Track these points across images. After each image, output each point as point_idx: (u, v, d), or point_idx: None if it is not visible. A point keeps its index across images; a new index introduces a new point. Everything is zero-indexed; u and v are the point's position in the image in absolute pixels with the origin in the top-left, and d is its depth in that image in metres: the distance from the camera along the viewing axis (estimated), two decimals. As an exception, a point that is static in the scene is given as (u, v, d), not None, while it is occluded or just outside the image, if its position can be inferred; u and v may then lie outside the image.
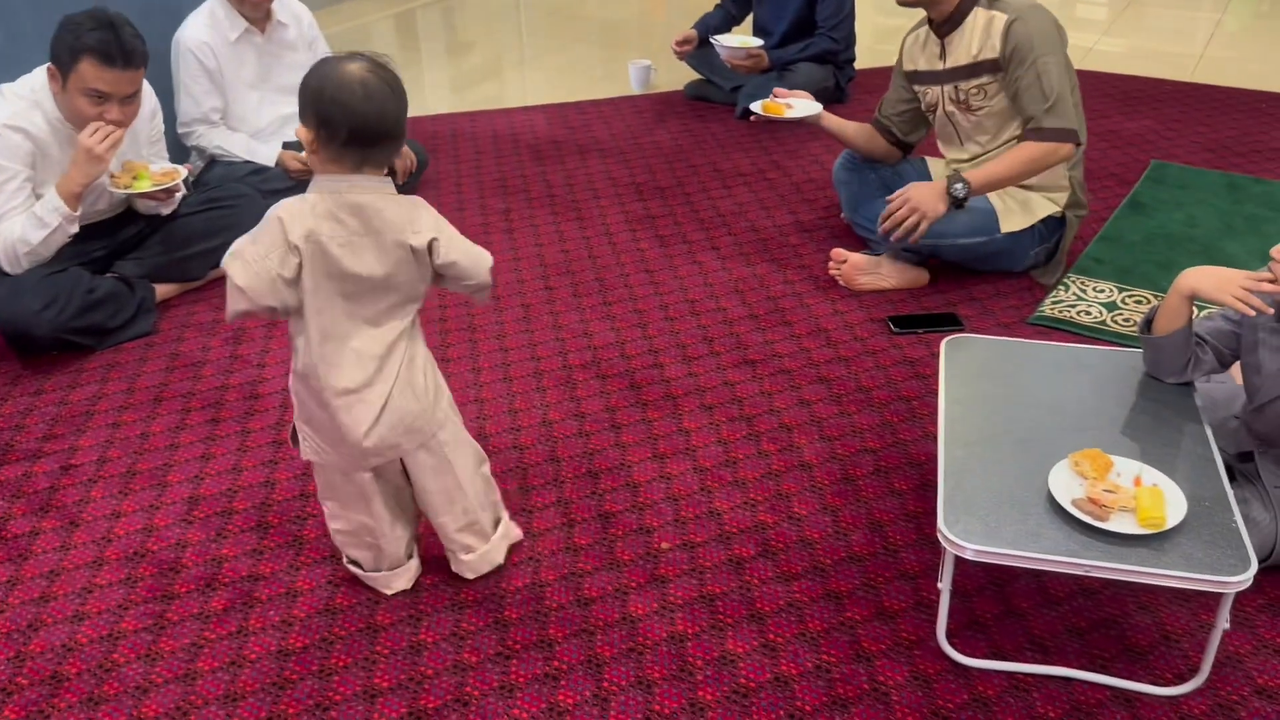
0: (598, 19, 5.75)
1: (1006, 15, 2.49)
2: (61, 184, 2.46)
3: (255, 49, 3.15)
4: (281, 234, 1.49)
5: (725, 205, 3.32)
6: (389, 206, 1.53)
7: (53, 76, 2.43)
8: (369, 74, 1.48)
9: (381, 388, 1.59)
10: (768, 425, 2.25)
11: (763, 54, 3.88)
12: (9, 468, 2.17)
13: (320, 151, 1.50)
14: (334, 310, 1.55)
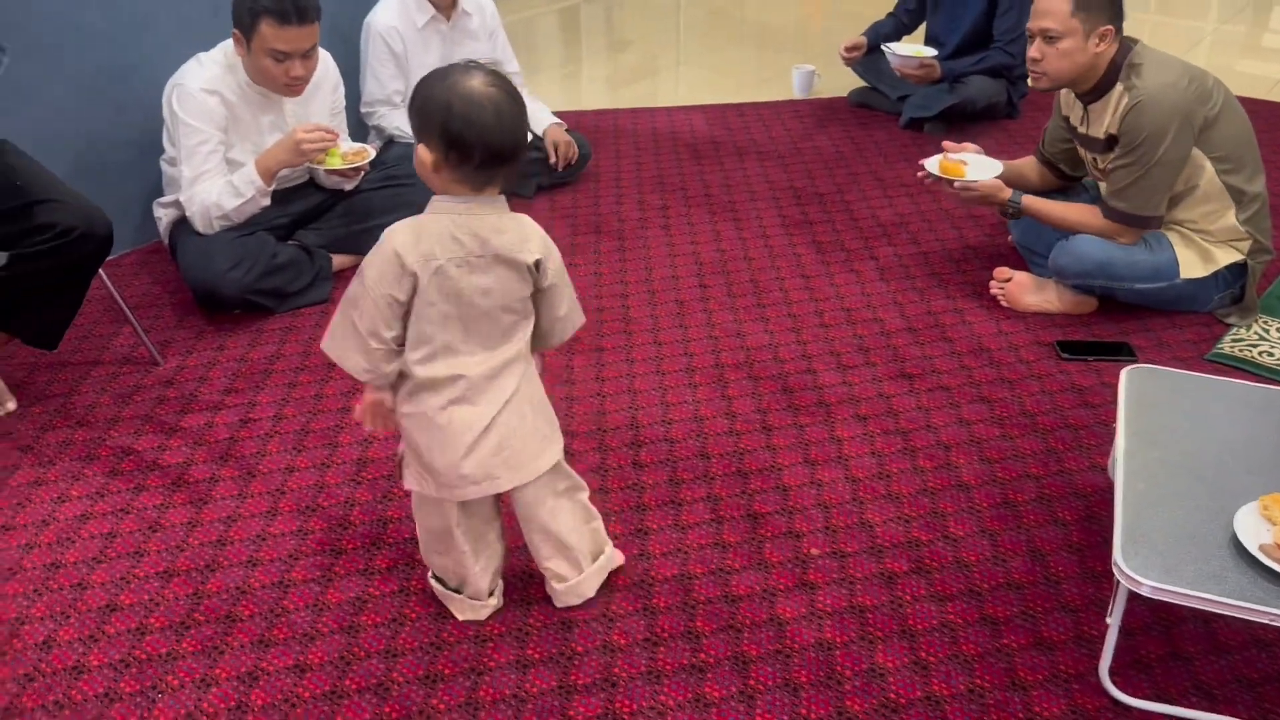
0: (757, 22, 5.74)
1: (1130, 98, 2.42)
2: (261, 160, 2.60)
3: (440, 36, 3.26)
4: (396, 259, 1.46)
5: (886, 215, 3.28)
6: (505, 226, 1.50)
7: (238, 41, 2.56)
8: (495, 90, 1.43)
9: (487, 411, 1.55)
10: (924, 441, 2.21)
11: (935, 64, 3.81)
12: (192, 416, 2.31)
13: (445, 173, 1.46)
14: (447, 332, 1.51)
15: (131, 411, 2.32)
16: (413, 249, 1.46)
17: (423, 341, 1.51)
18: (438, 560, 1.73)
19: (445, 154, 1.43)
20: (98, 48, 2.81)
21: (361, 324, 1.49)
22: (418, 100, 1.45)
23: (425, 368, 1.52)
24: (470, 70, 1.44)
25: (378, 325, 1.49)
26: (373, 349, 1.50)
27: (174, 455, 2.18)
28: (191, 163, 2.62)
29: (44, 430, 2.26)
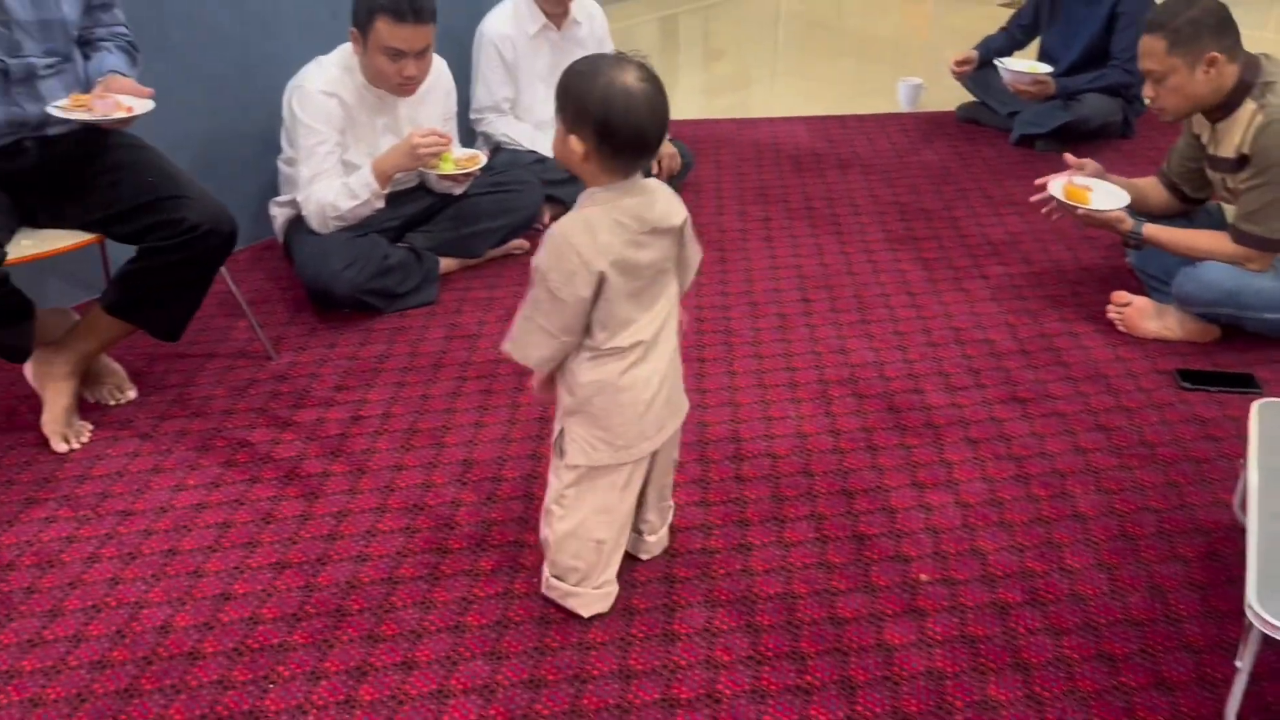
0: (857, 33, 5.68)
1: (1263, 117, 2.33)
2: (377, 163, 2.66)
3: (550, 44, 3.29)
4: (580, 261, 1.51)
5: (996, 233, 3.20)
6: (654, 199, 1.58)
7: (355, 40, 2.61)
8: (645, 83, 1.49)
9: (657, 365, 1.65)
10: (1038, 468, 2.15)
11: (1049, 81, 3.71)
12: (305, 411, 2.36)
13: (595, 163, 1.52)
14: (625, 308, 1.59)
15: (246, 404, 2.38)
16: (591, 246, 1.51)
17: (607, 322, 1.58)
18: (572, 545, 1.72)
19: (598, 145, 1.49)
20: (225, 48, 2.90)
21: (548, 324, 1.56)
22: (571, 94, 1.50)
23: (609, 342, 1.60)
24: (621, 63, 1.49)
25: (569, 323, 1.56)
26: (562, 343, 1.59)
27: (287, 449, 2.23)
28: (309, 163, 2.68)
29: (162, 419, 2.33)
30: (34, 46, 2.07)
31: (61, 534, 1.98)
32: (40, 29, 2.07)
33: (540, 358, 1.61)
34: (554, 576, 1.78)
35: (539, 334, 1.58)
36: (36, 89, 2.09)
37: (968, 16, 5.90)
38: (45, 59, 2.09)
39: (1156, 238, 2.56)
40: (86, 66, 2.20)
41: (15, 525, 2.00)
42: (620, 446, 1.66)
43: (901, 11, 6.22)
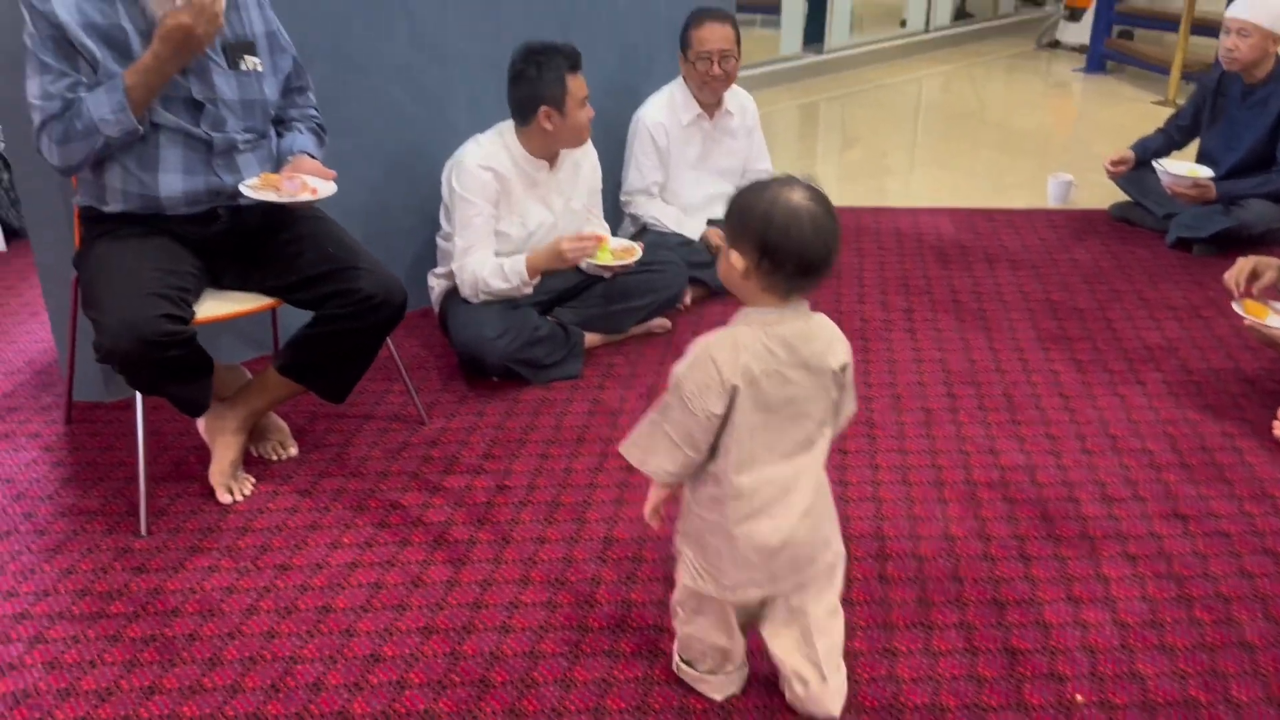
0: (1000, 126, 5.64)
1: None
2: (531, 259, 2.80)
3: (702, 133, 3.39)
4: (717, 375, 1.47)
5: (1152, 338, 3.10)
6: (813, 332, 1.52)
7: (547, 116, 2.74)
8: (813, 204, 1.45)
9: (783, 521, 1.55)
10: (1201, 591, 2.05)
11: (1210, 185, 3.61)
12: (454, 478, 2.43)
13: (755, 280, 1.48)
14: (754, 442, 1.52)
15: (400, 467, 2.46)
16: (732, 363, 1.47)
17: (730, 450, 1.52)
18: (696, 646, 1.72)
19: (758, 262, 1.46)
20: (400, 126, 3.06)
21: (675, 433, 1.52)
22: (736, 209, 1.49)
23: (730, 476, 1.53)
24: (790, 183, 1.47)
25: (695, 437, 1.51)
26: (686, 457, 1.53)
27: (436, 514, 2.29)
28: (464, 234, 2.80)
29: (321, 476, 2.43)
30: (236, 123, 2.23)
31: (223, 584, 2.07)
32: (244, 108, 2.24)
33: (659, 466, 1.55)
34: (683, 661, 1.78)
35: (663, 440, 1.54)
36: (234, 161, 2.25)
37: (1116, 112, 5.81)
38: (245, 135, 2.25)
39: None
40: (279, 143, 2.36)
41: (181, 572, 2.10)
42: (725, 586, 1.60)
43: (1046, 105, 6.16)
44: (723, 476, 1.53)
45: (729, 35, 3.23)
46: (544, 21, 3.29)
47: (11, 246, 3.78)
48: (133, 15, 2.10)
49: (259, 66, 2.26)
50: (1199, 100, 3.89)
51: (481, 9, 3.13)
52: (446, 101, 3.15)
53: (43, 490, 2.36)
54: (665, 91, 3.36)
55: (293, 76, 2.38)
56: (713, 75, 3.24)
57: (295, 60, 2.38)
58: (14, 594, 2.03)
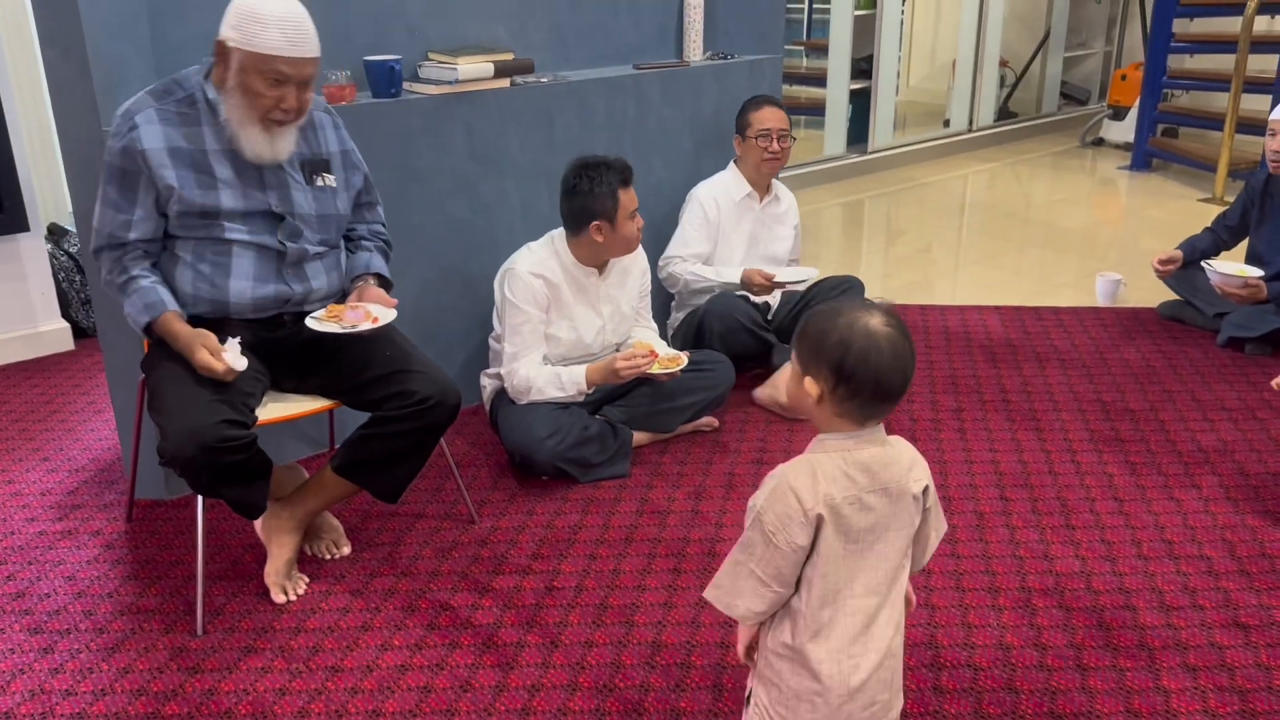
0: (1047, 224, 5.65)
1: None
2: (589, 371, 2.87)
3: (751, 213, 3.55)
4: (798, 504, 1.42)
5: (1207, 440, 3.06)
6: (892, 456, 1.47)
7: (598, 229, 2.82)
8: (891, 329, 1.42)
9: (865, 663, 1.47)
10: (1266, 705, 1.98)
11: (1261, 285, 3.60)
12: (503, 578, 2.44)
13: (830, 406, 1.44)
14: (838, 575, 1.45)
15: (450, 567, 2.48)
16: (812, 492, 1.42)
17: (814, 584, 1.46)
18: None
19: (834, 388, 1.42)
20: (456, 232, 3.17)
21: (761, 570, 1.45)
22: (811, 334, 1.45)
23: (811, 611, 1.46)
24: (867, 307, 1.44)
25: (783, 572, 1.45)
26: (775, 594, 1.46)
27: (485, 615, 2.30)
28: (514, 340, 2.87)
29: (372, 576, 2.45)
30: (311, 235, 2.34)
31: (275, 685, 2.08)
32: (319, 221, 2.35)
33: (748, 609, 1.47)
34: None
35: (749, 580, 1.46)
36: (304, 271, 2.35)
37: (1163, 209, 5.82)
38: (318, 246, 2.36)
39: None
40: (350, 259, 2.49)
41: (235, 673, 2.12)
42: None
43: (1092, 203, 6.18)
44: (802, 612, 1.46)
45: (784, 117, 3.44)
46: (596, 133, 3.41)
47: (79, 345, 3.92)
48: (217, 136, 2.23)
49: (333, 183, 2.38)
50: (1247, 200, 3.89)
51: (536, 123, 3.26)
52: (501, 209, 3.25)
53: (103, 588, 2.41)
54: (720, 174, 3.55)
55: (363, 192, 2.51)
56: (771, 152, 3.41)
57: (366, 177, 2.50)
58: (72, 693, 2.06)
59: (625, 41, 3.67)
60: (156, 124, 2.19)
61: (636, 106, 3.52)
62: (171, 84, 2.24)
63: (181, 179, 2.20)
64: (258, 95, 2.16)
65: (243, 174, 2.25)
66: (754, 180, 3.50)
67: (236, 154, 2.23)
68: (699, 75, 3.68)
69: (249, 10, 2.11)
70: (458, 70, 3.02)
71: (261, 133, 2.21)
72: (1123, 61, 8.37)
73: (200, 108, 2.23)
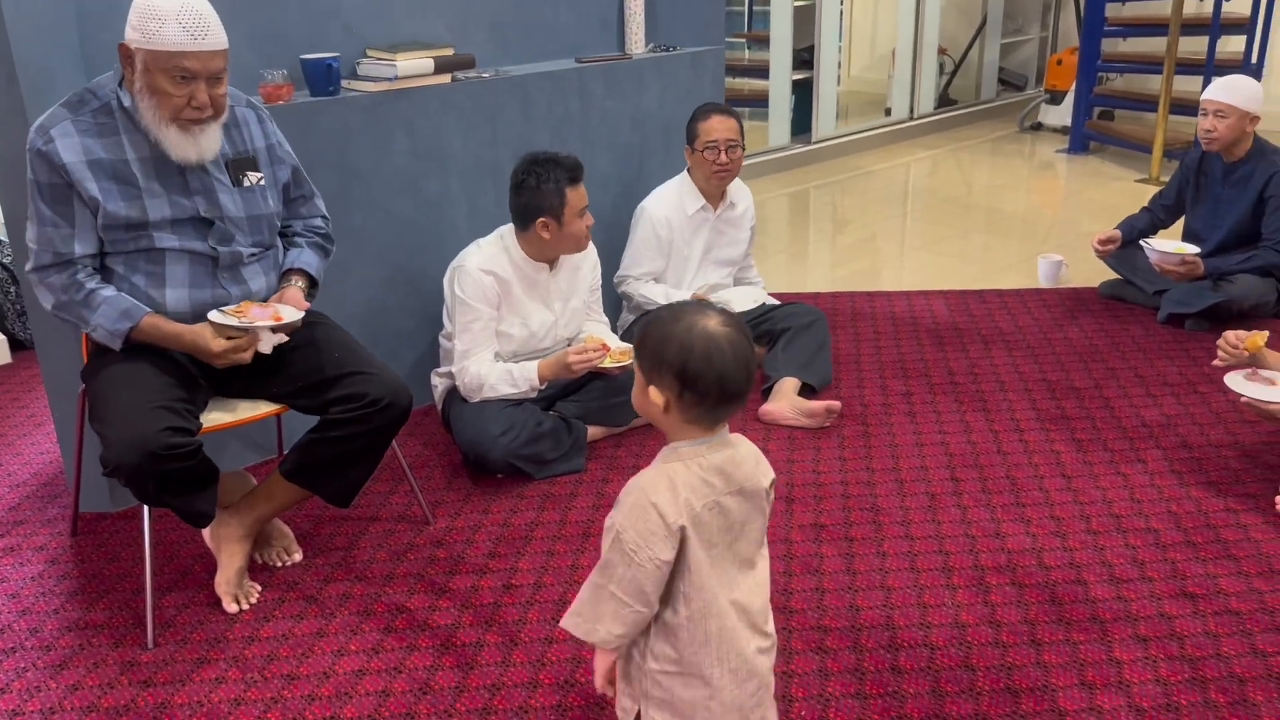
0: (988, 209, 5.73)
1: None
2: (542, 366, 2.86)
3: (707, 225, 3.47)
4: (659, 519, 1.38)
5: (1151, 415, 3.13)
6: (742, 455, 1.46)
7: (545, 226, 2.80)
8: (730, 329, 1.39)
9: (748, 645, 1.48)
10: (1215, 672, 2.03)
11: (1198, 261, 3.68)
12: (461, 578, 2.42)
13: (678, 414, 1.41)
14: (711, 582, 1.44)
15: (405, 569, 2.46)
16: (673, 504, 1.38)
17: (691, 597, 1.43)
18: None
19: (680, 394, 1.39)
20: (400, 230, 3.13)
21: (622, 591, 1.40)
22: (650, 343, 1.41)
23: (695, 624, 1.43)
24: (703, 310, 1.42)
25: (645, 589, 1.40)
26: (637, 614, 1.41)
27: (443, 616, 2.28)
28: (464, 337, 2.84)
29: (326, 582, 2.42)
30: (243, 238, 2.29)
31: (230, 695, 2.05)
32: (250, 223, 2.30)
33: (609, 632, 1.42)
34: None
35: (610, 603, 1.40)
36: (240, 274, 2.30)
37: (1101, 191, 5.93)
38: (251, 248, 2.31)
39: None
40: (285, 256, 2.44)
41: (188, 685, 2.08)
42: None
43: (1032, 187, 6.28)
44: (684, 625, 1.43)
45: (734, 126, 3.34)
46: (540, 128, 3.39)
47: (17, 358, 3.82)
48: (136, 144, 2.17)
49: (260, 180, 2.33)
50: (1182, 180, 3.98)
51: (478, 119, 3.23)
52: (446, 207, 3.23)
53: (49, 605, 2.35)
54: (672, 184, 3.46)
55: (292, 186, 2.45)
56: (720, 164, 3.33)
57: (296, 169, 2.45)
58: (20, 713, 2.01)
59: (567, 35, 3.65)
60: (74, 136, 2.12)
61: (580, 101, 3.51)
62: (86, 94, 2.18)
63: (105, 191, 2.13)
64: (166, 95, 2.10)
65: (167, 181, 2.20)
66: (707, 191, 3.42)
67: (158, 161, 2.18)
68: (641, 68, 3.68)
69: (146, 7, 2.05)
70: (397, 67, 2.98)
71: (180, 133, 2.14)
72: (1058, 46, 8.51)
73: (117, 116, 2.16)
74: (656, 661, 1.46)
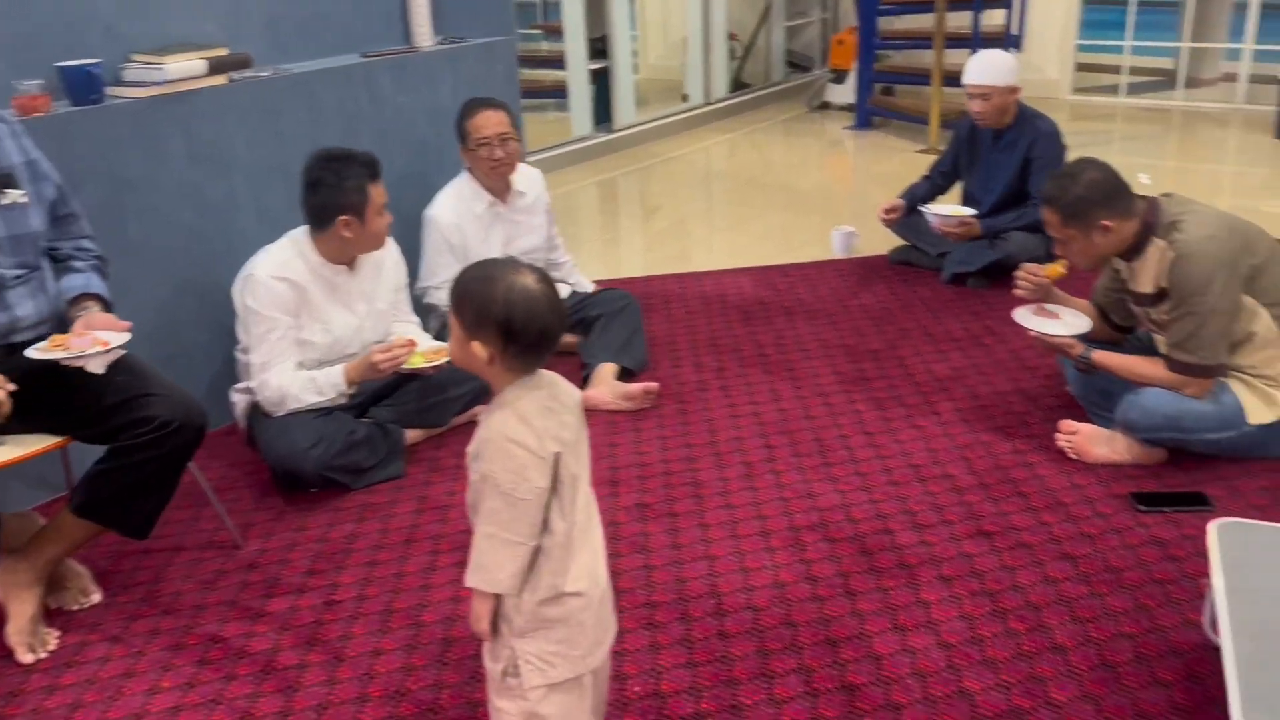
0: (784, 187, 5.94)
1: (1174, 253, 2.51)
2: (348, 370, 2.78)
3: (500, 219, 3.42)
4: (526, 451, 1.46)
5: (941, 369, 3.33)
6: (557, 380, 1.57)
7: (346, 225, 2.71)
8: (543, 284, 1.51)
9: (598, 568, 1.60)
10: (1013, 602, 2.19)
11: (974, 222, 3.94)
12: (277, 600, 2.33)
13: (501, 364, 1.50)
14: (567, 504, 1.53)
15: (217, 597, 2.34)
16: (533, 434, 1.48)
17: (558, 511, 1.52)
18: None
19: (504, 347, 1.48)
20: (184, 240, 2.97)
21: (514, 533, 1.48)
22: (472, 300, 1.50)
23: (565, 545, 1.53)
24: (514, 265, 1.53)
25: (534, 521, 1.49)
26: (528, 547, 1.49)
27: (261, 641, 2.18)
28: (261, 349, 2.73)
29: (131, 619, 2.28)
30: (5, 259, 2.12)
31: (29, 752, 1.90)
32: (12, 244, 2.13)
33: (511, 574, 1.50)
34: None
35: (506, 549, 1.48)
36: (5, 298, 2.13)
37: (889, 164, 6.24)
38: (15, 270, 2.14)
39: (1104, 363, 2.69)
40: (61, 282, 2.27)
41: (-21, 746, 1.92)
42: (580, 655, 1.57)
43: (824, 164, 6.56)
44: (558, 544, 1.52)
45: (504, 119, 3.28)
46: (328, 126, 3.29)
47: None
48: None
49: (22, 198, 2.16)
50: (956, 148, 4.24)
51: (260, 119, 3.10)
52: (232, 212, 3.08)
53: None
54: (453, 187, 3.38)
55: (59, 204, 2.29)
56: (496, 159, 3.27)
57: (59, 187, 2.29)
58: None
59: (349, 29, 3.55)
60: None
61: (369, 97, 3.42)
62: None
63: None
64: None
65: None
66: (491, 187, 3.37)
67: None
68: (431, 61, 3.62)
69: None
70: (165, 70, 2.82)
71: None
72: (839, 27, 8.89)
73: None
74: (533, 592, 1.53)
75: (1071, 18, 7.74)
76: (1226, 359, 2.54)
